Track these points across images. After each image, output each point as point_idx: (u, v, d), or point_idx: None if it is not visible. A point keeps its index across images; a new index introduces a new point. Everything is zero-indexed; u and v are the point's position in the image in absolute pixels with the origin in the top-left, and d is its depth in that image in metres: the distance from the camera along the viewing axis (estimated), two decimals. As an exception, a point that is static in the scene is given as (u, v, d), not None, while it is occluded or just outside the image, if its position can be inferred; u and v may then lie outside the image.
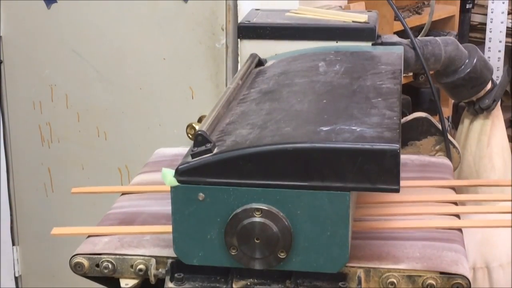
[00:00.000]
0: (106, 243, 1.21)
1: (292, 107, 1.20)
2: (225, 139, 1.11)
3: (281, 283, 1.12)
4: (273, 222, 1.06)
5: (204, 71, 2.12)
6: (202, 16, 2.09)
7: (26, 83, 2.40)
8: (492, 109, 1.77)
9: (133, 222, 1.28)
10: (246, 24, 1.57)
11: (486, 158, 1.80)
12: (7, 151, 2.49)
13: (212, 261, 1.10)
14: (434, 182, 1.41)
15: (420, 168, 1.53)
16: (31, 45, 2.35)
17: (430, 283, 1.11)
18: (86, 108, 2.33)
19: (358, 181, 1.03)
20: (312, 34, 1.54)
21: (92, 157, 2.37)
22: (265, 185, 1.05)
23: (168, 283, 1.14)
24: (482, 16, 3.08)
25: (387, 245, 1.19)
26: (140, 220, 1.29)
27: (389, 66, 1.38)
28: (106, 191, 1.54)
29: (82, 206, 2.42)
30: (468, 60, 1.68)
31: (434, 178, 1.48)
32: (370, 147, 1.02)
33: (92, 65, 2.28)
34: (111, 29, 2.22)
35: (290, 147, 1.04)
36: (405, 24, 1.68)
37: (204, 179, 1.06)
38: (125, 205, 1.36)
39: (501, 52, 2.91)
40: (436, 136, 1.68)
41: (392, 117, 1.12)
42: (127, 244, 1.21)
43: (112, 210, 1.35)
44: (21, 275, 2.61)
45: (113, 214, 1.32)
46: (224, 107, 1.24)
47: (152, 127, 2.25)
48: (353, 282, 1.12)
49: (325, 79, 1.32)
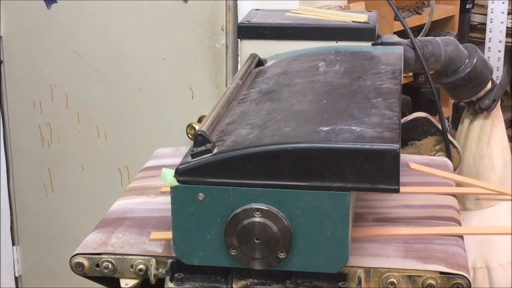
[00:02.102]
0: (106, 243, 1.21)
1: (292, 107, 1.20)
2: (225, 139, 1.11)
3: (281, 283, 1.12)
4: (273, 222, 1.06)
5: (204, 71, 2.12)
6: (202, 16, 2.09)
7: (26, 83, 2.40)
8: (492, 109, 1.77)
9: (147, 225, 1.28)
10: (246, 24, 1.57)
11: (486, 158, 1.80)
12: (7, 151, 2.49)
13: (212, 261, 1.10)
14: (435, 189, 1.41)
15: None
16: (31, 45, 2.35)
17: (430, 283, 1.11)
18: (86, 108, 2.33)
19: (358, 181, 1.03)
20: (312, 34, 1.54)
21: (92, 157, 2.37)
22: (265, 185, 1.05)
23: (168, 283, 1.14)
24: (482, 16, 3.08)
25: (387, 245, 1.19)
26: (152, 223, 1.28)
27: (389, 66, 1.38)
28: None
29: (82, 206, 2.43)
30: (468, 60, 1.68)
31: (434, 178, 1.48)
32: (370, 147, 1.02)
33: (92, 65, 2.28)
34: (111, 29, 2.22)
35: (290, 147, 1.04)
36: (405, 24, 1.68)
37: (204, 179, 1.06)
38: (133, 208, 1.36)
39: (501, 52, 2.91)
40: (436, 136, 1.68)
41: (392, 117, 1.12)
42: (127, 244, 1.21)
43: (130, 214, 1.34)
44: (21, 275, 2.61)
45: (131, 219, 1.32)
46: (224, 107, 1.24)
47: (152, 127, 2.25)
48: (353, 282, 1.12)
49: (325, 79, 1.32)
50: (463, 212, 1.76)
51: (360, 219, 1.28)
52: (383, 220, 1.29)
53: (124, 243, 1.21)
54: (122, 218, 1.31)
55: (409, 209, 1.32)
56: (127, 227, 1.27)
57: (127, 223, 1.28)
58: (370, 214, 1.31)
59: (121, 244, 1.21)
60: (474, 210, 1.80)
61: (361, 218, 1.29)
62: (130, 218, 1.30)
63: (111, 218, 1.32)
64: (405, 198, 1.36)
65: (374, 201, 1.35)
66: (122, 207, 1.36)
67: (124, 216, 1.32)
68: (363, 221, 1.28)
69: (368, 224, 1.26)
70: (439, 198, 1.37)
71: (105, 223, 1.29)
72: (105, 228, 1.27)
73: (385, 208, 1.33)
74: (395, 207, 1.33)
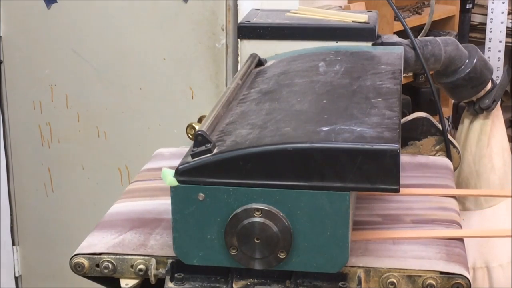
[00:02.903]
0: (106, 243, 1.21)
1: (292, 107, 1.20)
2: (225, 139, 1.11)
3: (281, 283, 1.12)
4: (273, 222, 1.06)
5: (204, 71, 2.12)
6: (202, 16, 2.09)
7: (26, 83, 2.40)
8: (492, 109, 1.77)
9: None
10: (246, 24, 1.57)
11: (486, 158, 1.80)
12: (7, 151, 2.49)
13: (212, 261, 1.10)
14: (435, 191, 1.41)
15: (420, 168, 1.53)
16: (31, 45, 2.35)
17: (430, 283, 1.11)
18: (86, 108, 2.33)
19: (358, 181, 1.03)
20: (312, 34, 1.54)
21: (92, 157, 2.37)
22: (265, 185, 1.05)
23: (168, 283, 1.14)
24: (482, 16, 3.08)
25: (387, 245, 1.19)
26: None
27: (389, 66, 1.38)
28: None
29: (82, 206, 2.43)
30: (468, 60, 1.68)
31: (434, 178, 1.48)
32: (370, 147, 1.02)
33: (92, 65, 2.28)
34: (111, 29, 2.22)
35: (290, 147, 1.04)
36: (405, 24, 1.68)
37: (204, 179, 1.06)
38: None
39: (501, 52, 2.91)
40: (436, 136, 1.68)
41: (392, 117, 1.12)
42: (127, 244, 1.21)
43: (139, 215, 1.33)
44: (21, 275, 2.61)
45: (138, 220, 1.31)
46: (224, 107, 1.24)
47: (152, 127, 2.25)
48: (353, 282, 1.12)
49: (325, 79, 1.32)
50: (463, 212, 1.76)
51: (360, 222, 1.28)
52: (383, 222, 1.28)
53: (163, 245, 1.20)
54: (158, 220, 1.29)
55: (409, 211, 1.32)
56: (163, 229, 1.26)
57: (163, 225, 1.27)
58: (371, 217, 1.30)
59: (122, 244, 1.21)
60: (474, 210, 1.80)
61: (361, 221, 1.29)
62: (167, 220, 1.27)
63: (148, 218, 1.30)
64: (404, 200, 1.36)
65: (374, 203, 1.34)
66: (155, 207, 1.34)
67: (160, 217, 1.30)
68: (363, 224, 1.27)
69: (368, 227, 1.26)
70: (439, 200, 1.37)
71: (141, 223, 1.28)
72: (141, 229, 1.26)
73: (385, 210, 1.33)
74: (395, 209, 1.33)
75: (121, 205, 1.38)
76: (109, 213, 1.34)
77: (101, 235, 1.25)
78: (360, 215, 1.30)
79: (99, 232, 1.26)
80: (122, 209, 1.36)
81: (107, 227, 1.28)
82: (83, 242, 1.23)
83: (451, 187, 1.45)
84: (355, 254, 1.15)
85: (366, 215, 1.31)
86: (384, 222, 1.29)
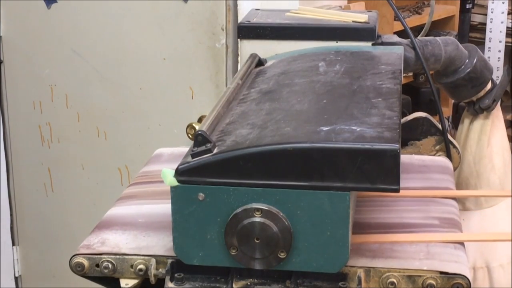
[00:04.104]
0: (106, 243, 1.21)
1: (292, 107, 1.20)
2: (225, 139, 1.11)
3: (281, 283, 1.12)
4: (273, 222, 1.06)
5: (204, 71, 2.12)
6: (202, 16, 2.09)
7: (26, 83, 2.40)
8: (492, 109, 1.77)
9: None
10: (246, 24, 1.57)
11: (486, 158, 1.80)
12: (7, 151, 2.49)
13: (212, 261, 1.10)
14: (435, 192, 1.41)
15: (420, 168, 1.53)
16: (31, 45, 2.35)
17: (430, 283, 1.11)
18: (86, 108, 2.33)
19: (358, 181, 1.03)
20: (312, 34, 1.54)
21: (92, 157, 2.37)
22: (265, 185, 1.05)
23: (168, 283, 1.14)
24: (482, 16, 3.08)
25: (387, 245, 1.19)
26: None
27: (389, 66, 1.38)
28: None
29: (82, 206, 2.43)
30: (468, 60, 1.68)
31: (434, 178, 1.48)
32: (370, 147, 1.02)
33: (92, 65, 2.28)
34: (111, 29, 2.22)
35: (290, 147, 1.04)
36: (405, 24, 1.68)
37: (204, 179, 1.06)
38: None
39: (501, 52, 2.91)
40: (436, 136, 1.68)
41: (392, 117, 1.12)
42: (127, 244, 1.21)
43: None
44: (21, 275, 2.61)
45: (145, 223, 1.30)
46: (224, 107, 1.24)
47: (152, 127, 2.25)
48: (353, 282, 1.12)
49: (325, 79, 1.32)
50: (463, 212, 1.76)
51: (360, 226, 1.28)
52: (382, 226, 1.28)
53: (163, 245, 1.19)
54: (158, 220, 1.28)
55: (409, 213, 1.32)
56: (163, 229, 1.24)
57: (164, 225, 1.25)
58: (370, 220, 1.30)
59: (160, 246, 1.20)
60: (474, 210, 1.80)
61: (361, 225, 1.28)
62: (167, 220, 1.25)
63: (148, 218, 1.29)
64: (405, 202, 1.35)
65: (373, 206, 1.34)
66: (155, 208, 1.33)
67: (160, 218, 1.29)
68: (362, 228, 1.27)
69: (367, 231, 1.26)
70: (439, 201, 1.37)
71: (141, 223, 1.27)
72: (141, 229, 1.25)
73: (385, 212, 1.33)
74: (395, 211, 1.33)
75: (121, 205, 1.38)
76: (108, 214, 1.34)
77: (101, 235, 1.25)
78: (359, 219, 1.30)
79: (99, 232, 1.26)
80: (122, 210, 1.36)
81: (107, 227, 1.28)
82: (83, 242, 1.23)
83: (451, 187, 1.45)
84: (355, 254, 1.15)
85: (366, 218, 1.31)
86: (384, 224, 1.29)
